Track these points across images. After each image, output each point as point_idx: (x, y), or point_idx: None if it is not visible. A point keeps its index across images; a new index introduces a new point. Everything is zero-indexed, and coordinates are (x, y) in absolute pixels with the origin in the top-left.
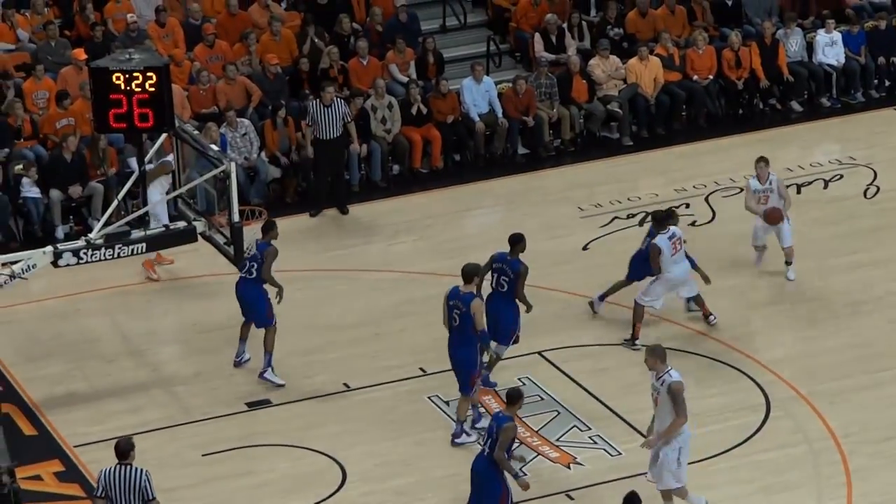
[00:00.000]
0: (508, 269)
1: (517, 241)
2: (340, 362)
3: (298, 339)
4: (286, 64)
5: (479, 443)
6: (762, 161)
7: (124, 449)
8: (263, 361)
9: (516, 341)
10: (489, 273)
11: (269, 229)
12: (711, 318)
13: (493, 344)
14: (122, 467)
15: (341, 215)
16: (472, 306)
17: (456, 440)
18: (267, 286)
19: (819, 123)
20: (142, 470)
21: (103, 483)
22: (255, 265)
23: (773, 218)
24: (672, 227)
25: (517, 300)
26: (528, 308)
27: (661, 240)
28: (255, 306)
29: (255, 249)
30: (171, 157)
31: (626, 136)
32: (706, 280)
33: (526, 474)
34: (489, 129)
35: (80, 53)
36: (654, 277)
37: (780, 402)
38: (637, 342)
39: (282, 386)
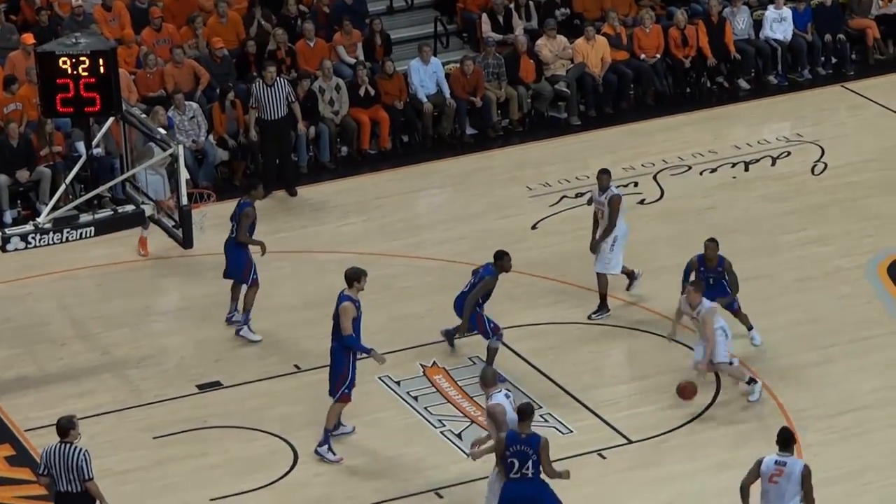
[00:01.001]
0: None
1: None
2: (291, 344)
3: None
4: (233, 47)
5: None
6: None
7: (65, 427)
8: (241, 318)
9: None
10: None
11: (251, 188)
12: (636, 272)
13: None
14: (63, 445)
15: (290, 197)
16: (341, 307)
17: (318, 449)
18: None
19: (766, 101)
20: (81, 449)
21: (45, 461)
22: (234, 224)
23: (688, 393)
24: None
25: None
26: None
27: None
28: (233, 264)
29: (237, 208)
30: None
31: (574, 116)
32: None
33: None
34: (437, 109)
35: (29, 38)
36: (610, 243)
37: (730, 379)
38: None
39: (258, 342)
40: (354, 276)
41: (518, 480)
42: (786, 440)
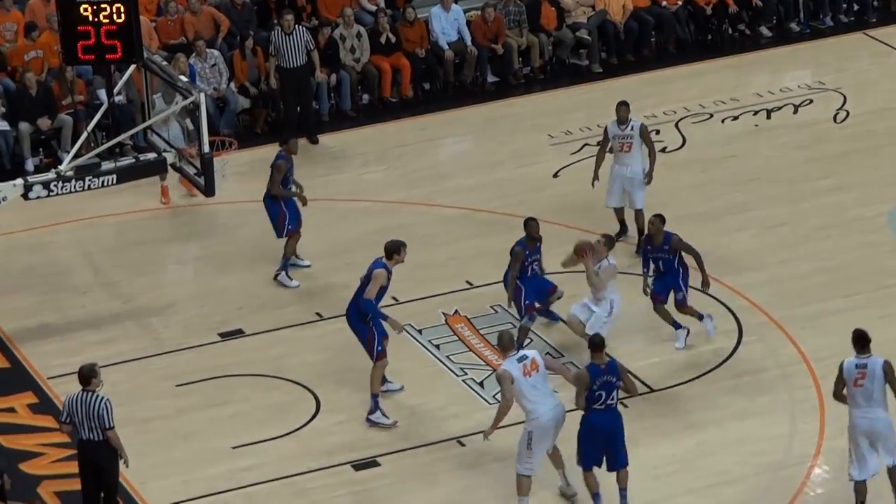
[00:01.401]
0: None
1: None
2: (312, 292)
3: (270, 270)
4: None
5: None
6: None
7: (87, 375)
8: (280, 263)
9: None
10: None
11: (285, 141)
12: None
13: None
14: (85, 393)
15: (311, 145)
16: (375, 272)
17: (370, 417)
18: None
19: (788, 48)
20: (103, 397)
21: (67, 409)
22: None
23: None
24: None
25: None
26: None
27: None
28: (270, 217)
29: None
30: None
31: (595, 63)
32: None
33: None
34: (458, 57)
35: None
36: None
37: (752, 327)
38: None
39: (294, 287)
40: (394, 249)
41: (604, 411)
42: (861, 342)
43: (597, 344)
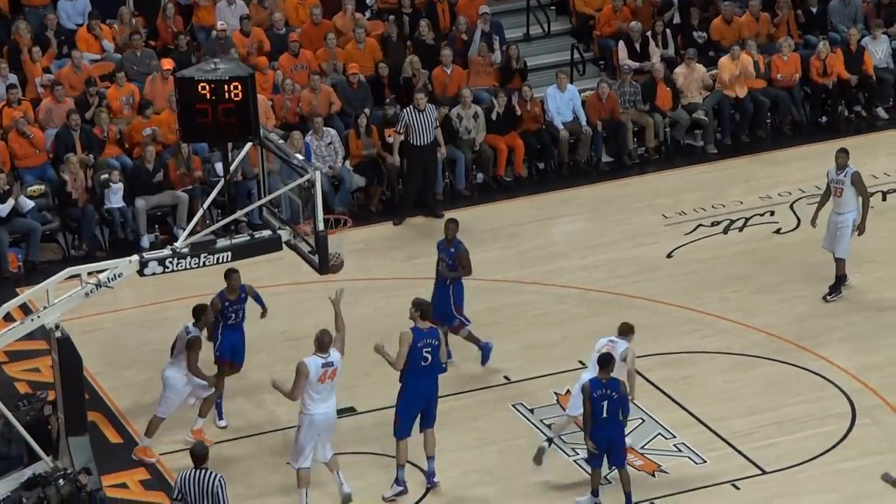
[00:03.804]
0: None
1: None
2: None
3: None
4: (369, 73)
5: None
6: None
7: (200, 454)
8: None
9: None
10: None
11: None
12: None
13: None
14: (198, 471)
15: (435, 219)
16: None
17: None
18: None
19: None
20: (217, 475)
21: (179, 486)
22: None
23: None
24: None
25: None
26: None
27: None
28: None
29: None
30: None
31: (710, 144)
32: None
33: None
34: (573, 137)
35: (168, 63)
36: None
37: (866, 409)
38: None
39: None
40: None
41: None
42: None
43: (604, 361)
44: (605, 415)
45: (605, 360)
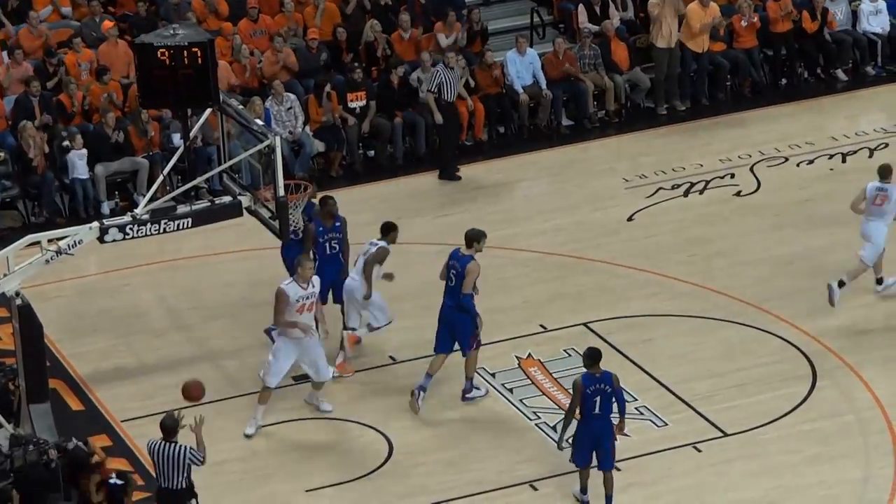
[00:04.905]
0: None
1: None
2: (387, 335)
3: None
4: (329, 38)
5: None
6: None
7: (171, 427)
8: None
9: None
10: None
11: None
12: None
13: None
14: (167, 444)
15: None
16: (468, 268)
17: (466, 395)
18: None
19: (864, 92)
20: (185, 446)
21: (150, 454)
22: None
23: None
24: None
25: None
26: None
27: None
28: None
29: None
30: None
31: (666, 106)
32: None
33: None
34: (533, 100)
35: (108, 24)
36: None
37: (826, 371)
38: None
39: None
40: (475, 237)
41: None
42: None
43: (591, 356)
44: (596, 411)
45: (595, 355)
